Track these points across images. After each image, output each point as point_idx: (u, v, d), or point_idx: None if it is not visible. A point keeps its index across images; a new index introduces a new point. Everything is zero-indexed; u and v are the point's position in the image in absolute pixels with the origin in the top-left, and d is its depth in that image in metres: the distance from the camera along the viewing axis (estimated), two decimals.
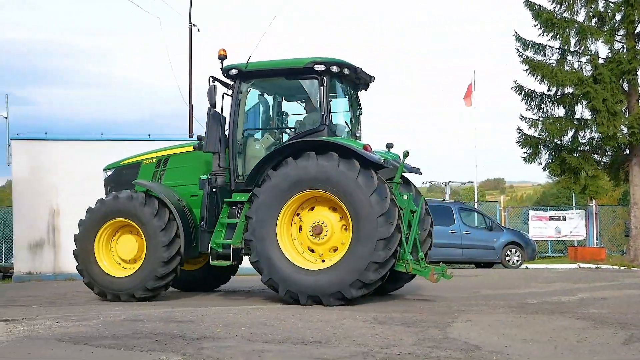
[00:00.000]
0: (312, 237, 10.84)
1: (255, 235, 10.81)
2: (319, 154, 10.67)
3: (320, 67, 11.23)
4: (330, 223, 10.81)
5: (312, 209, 11.02)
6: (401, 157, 11.52)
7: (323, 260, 10.81)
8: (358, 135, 12.23)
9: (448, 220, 23.71)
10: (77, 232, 12.09)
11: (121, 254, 11.98)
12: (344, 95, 12.16)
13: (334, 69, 11.33)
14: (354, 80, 12.10)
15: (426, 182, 37.16)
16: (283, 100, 12.57)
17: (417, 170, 12.40)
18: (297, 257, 10.84)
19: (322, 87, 11.30)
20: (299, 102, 12.41)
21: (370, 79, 12.45)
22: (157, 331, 7.72)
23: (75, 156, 18.73)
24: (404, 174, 11.82)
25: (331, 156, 10.60)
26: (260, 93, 12.25)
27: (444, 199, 28.82)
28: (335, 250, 10.83)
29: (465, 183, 39.61)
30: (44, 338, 7.30)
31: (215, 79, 11.73)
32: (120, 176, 12.99)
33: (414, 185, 12.41)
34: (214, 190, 11.60)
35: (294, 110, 12.51)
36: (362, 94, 12.59)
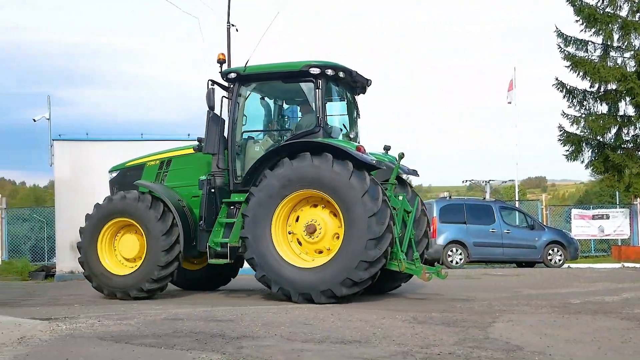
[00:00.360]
0: (307, 237, 11.16)
1: (250, 233, 11.15)
2: (313, 155, 10.96)
3: (315, 71, 11.51)
4: (324, 222, 11.12)
5: (302, 209, 11.36)
6: (397, 159, 11.83)
7: (330, 258, 10.98)
8: (351, 137, 12.39)
9: (488, 219, 23.52)
10: (83, 225, 12.51)
11: (123, 252, 12.30)
12: (340, 98, 12.50)
13: (329, 72, 11.59)
14: (350, 83, 12.36)
15: (466, 180, 36.90)
16: (284, 103, 12.81)
17: (414, 172, 12.72)
18: (292, 256, 11.16)
19: (317, 90, 11.59)
20: (297, 104, 12.66)
21: (367, 82, 12.69)
22: (197, 330, 7.79)
23: (116, 156, 18.92)
24: (401, 175, 12.27)
25: (325, 157, 10.88)
26: (260, 96, 12.54)
27: (484, 198, 28.56)
28: (338, 238, 11.07)
29: (506, 181, 39.15)
30: (86, 336, 7.41)
31: (214, 82, 11.99)
32: (125, 177, 13.33)
33: (411, 187, 12.71)
34: (212, 190, 11.97)
35: (296, 113, 12.75)
36: (361, 97, 12.86)
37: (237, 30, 30.91)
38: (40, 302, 11.86)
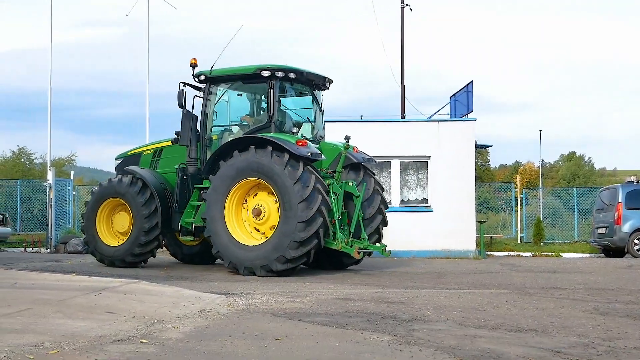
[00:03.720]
0: (254, 219, 12.89)
1: (208, 214, 12.99)
2: (258, 148, 12.63)
3: (266, 73, 13.16)
4: (268, 206, 12.78)
5: (256, 195, 13.03)
6: (343, 149, 13.47)
7: (267, 238, 12.65)
8: (295, 127, 13.83)
9: None
10: (86, 207, 14.98)
11: (117, 227, 14.69)
12: (300, 94, 14.32)
13: (279, 74, 13.20)
14: (307, 82, 14.00)
15: None
16: (262, 98, 14.04)
17: (371, 160, 14.28)
18: (243, 235, 12.85)
19: (269, 90, 13.19)
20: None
21: (325, 79, 14.30)
22: (369, 311, 7.88)
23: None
24: (364, 164, 13.90)
25: (265, 150, 12.53)
26: (238, 93, 14.38)
27: None
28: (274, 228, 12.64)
29: None
30: (261, 312, 7.69)
31: (185, 84, 13.98)
32: (127, 164, 15.36)
33: (372, 175, 14.16)
34: (184, 177, 13.98)
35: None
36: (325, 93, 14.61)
37: (411, 10, 30.89)
38: (219, 277, 12.45)
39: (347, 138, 13.67)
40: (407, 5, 30.57)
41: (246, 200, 13.12)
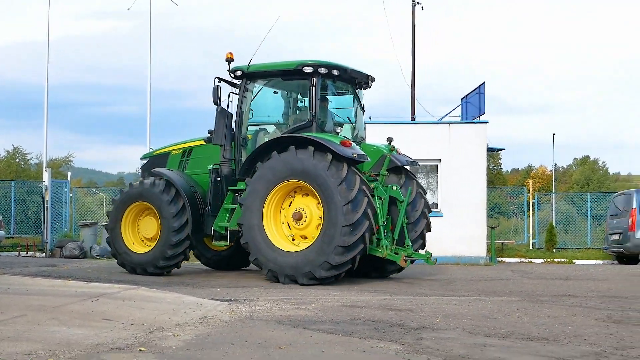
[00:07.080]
0: (295, 224, 12.59)
1: (244, 220, 12.67)
2: (299, 148, 12.38)
3: (308, 69, 12.93)
4: (309, 209, 12.50)
5: (295, 197, 12.76)
6: (388, 151, 13.31)
7: (310, 243, 12.38)
8: (338, 127, 13.71)
9: None
10: (111, 209, 14.63)
11: (144, 233, 14.22)
12: (342, 92, 14.13)
13: (322, 70, 12.98)
14: (350, 79, 13.81)
15: None
16: (299, 96, 13.91)
17: (413, 163, 14.02)
18: (282, 241, 12.55)
19: (311, 88, 12.94)
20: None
21: (369, 77, 14.10)
22: (375, 318, 7.91)
23: None
24: (406, 167, 13.71)
25: (307, 150, 12.28)
26: (274, 90, 14.12)
27: None
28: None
29: None
30: (265, 319, 7.73)
31: (220, 79, 13.66)
32: (154, 164, 15.13)
33: (414, 178, 13.86)
34: (218, 179, 13.71)
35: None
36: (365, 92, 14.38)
37: (422, 8, 30.94)
38: (222, 283, 12.48)
39: (390, 140, 13.46)
40: (418, 3, 30.63)
41: (286, 204, 12.85)
